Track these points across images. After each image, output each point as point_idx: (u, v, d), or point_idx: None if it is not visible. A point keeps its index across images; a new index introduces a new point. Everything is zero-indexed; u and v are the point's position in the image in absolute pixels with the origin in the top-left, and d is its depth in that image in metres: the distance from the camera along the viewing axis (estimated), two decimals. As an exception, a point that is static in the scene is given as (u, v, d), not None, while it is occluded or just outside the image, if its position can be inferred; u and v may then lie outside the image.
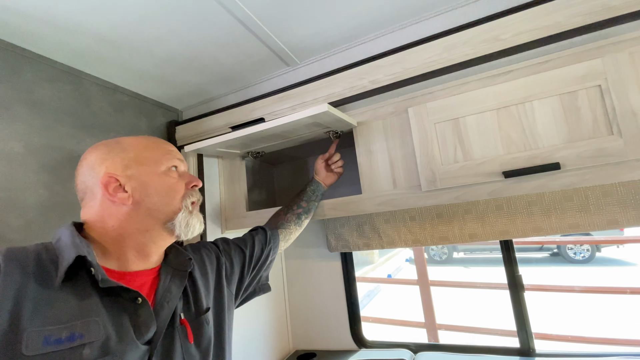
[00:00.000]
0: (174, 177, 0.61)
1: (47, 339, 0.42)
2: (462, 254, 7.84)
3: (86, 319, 0.46)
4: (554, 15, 0.73)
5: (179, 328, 0.58)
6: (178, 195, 0.60)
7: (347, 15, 0.88)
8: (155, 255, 0.61)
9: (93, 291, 0.49)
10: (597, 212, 1.00)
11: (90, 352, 0.44)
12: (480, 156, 0.83)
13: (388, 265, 8.13)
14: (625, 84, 0.72)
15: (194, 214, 0.62)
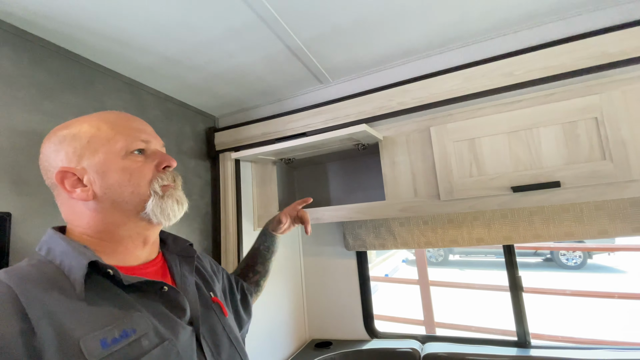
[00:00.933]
0: (137, 160, 0.53)
1: (104, 342, 0.41)
2: (458, 256, 8.02)
3: (129, 315, 0.45)
4: (560, 57, 0.87)
5: (213, 306, 0.60)
6: (144, 181, 0.53)
7: (380, 45, 1.01)
8: (151, 246, 0.58)
9: (118, 290, 0.47)
10: (589, 223, 1.15)
11: (149, 342, 0.45)
12: (493, 172, 0.97)
13: (385, 265, 8.29)
14: (618, 117, 0.86)
15: (166, 196, 0.55)
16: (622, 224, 1.12)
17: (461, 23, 0.92)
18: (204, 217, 1.30)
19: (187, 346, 0.50)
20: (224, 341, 0.57)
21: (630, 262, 6.21)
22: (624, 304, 3.90)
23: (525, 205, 0.94)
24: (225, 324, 0.60)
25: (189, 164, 1.28)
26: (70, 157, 0.50)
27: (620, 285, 5.11)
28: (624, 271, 5.96)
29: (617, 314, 3.89)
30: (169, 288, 0.51)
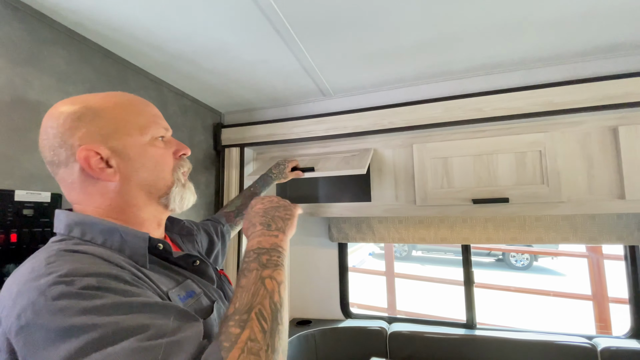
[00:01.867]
0: (160, 147, 0.54)
1: (180, 297, 0.48)
2: (420, 252, 8.58)
3: (183, 282, 0.52)
4: (518, 101, 1.11)
5: (222, 277, 0.67)
6: (168, 168, 0.55)
7: (378, 72, 1.20)
8: (162, 227, 0.60)
9: (166, 263, 0.53)
10: (530, 231, 1.43)
11: (205, 300, 0.53)
12: (459, 186, 1.21)
13: (352, 258, 8.68)
14: (556, 152, 1.12)
15: (187, 186, 0.58)
16: (554, 233, 1.41)
17: (447, 63, 1.13)
18: (208, 206, 1.44)
19: (222, 305, 0.57)
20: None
21: (569, 266, 6.99)
22: (558, 301, 4.48)
23: (481, 214, 1.19)
24: (231, 290, 0.66)
25: (199, 155, 1.41)
26: (93, 136, 0.48)
27: (559, 286, 5.80)
28: (564, 274, 6.72)
29: (550, 308, 4.46)
30: (200, 261, 0.57)
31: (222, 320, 0.42)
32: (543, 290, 3.76)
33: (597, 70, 1.08)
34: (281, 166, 1.16)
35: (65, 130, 0.48)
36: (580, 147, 1.11)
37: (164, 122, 0.56)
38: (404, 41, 0.99)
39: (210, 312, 0.51)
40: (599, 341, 1.36)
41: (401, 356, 1.52)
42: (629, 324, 1.41)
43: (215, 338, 0.39)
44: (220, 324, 0.41)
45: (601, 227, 1.35)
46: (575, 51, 1.06)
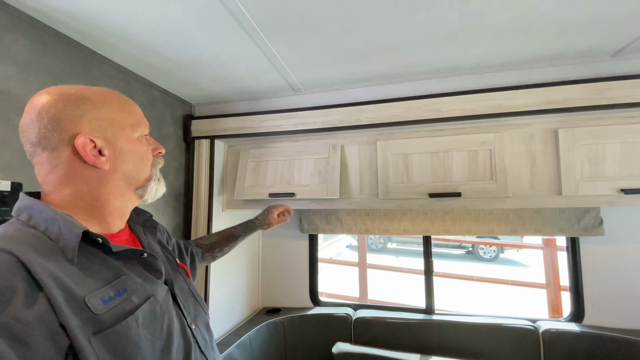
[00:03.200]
0: (144, 143, 0.61)
1: (103, 299, 0.47)
2: (395, 244, 8.84)
3: (118, 278, 0.51)
4: (472, 103, 1.20)
5: (180, 270, 0.70)
6: (148, 163, 0.61)
7: (345, 71, 1.25)
8: (127, 217, 0.63)
9: (105, 256, 0.52)
10: (483, 223, 1.55)
11: (138, 299, 0.52)
12: (417, 181, 1.29)
13: (330, 250, 8.83)
14: (504, 151, 1.22)
15: (161, 181, 0.65)
16: (504, 225, 1.53)
17: (408, 65, 1.20)
18: (177, 197, 1.46)
19: (166, 301, 0.58)
20: (191, 299, 0.66)
21: (532, 258, 7.44)
22: (517, 289, 4.80)
23: (437, 207, 1.28)
24: (191, 285, 0.70)
25: (168, 146, 1.41)
26: (93, 126, 0.53)
27: (522, 276, 6.18)
28: (527, 265, 7.15)
29: (510, 296, 4.77)
30: (147, 254, 0.58)
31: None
32: (503, 280, 4.02)
33: (541, 77, 1.19)
34: (265, 212, 1.17)
35: (63, 116, 0.51)
36: (525, 147, 1.22)
37: (147, 122, 0.63)
38: (369, 43, 1.04)
39: (131, 312, 0.49)
40: (542, 324, 1.50)
41: (364, 340, 1.61)
42: (569, 309, 1.57)
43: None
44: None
45: (545, 220, 1.48)
46: (522, 59, 1.15)
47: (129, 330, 0.48)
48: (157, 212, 1.32)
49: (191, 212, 1.46)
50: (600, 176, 1.15)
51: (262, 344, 1.57)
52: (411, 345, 1.56)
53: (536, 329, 1.47)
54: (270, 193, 1.44)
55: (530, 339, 1.45)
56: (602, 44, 1.06)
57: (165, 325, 0.54)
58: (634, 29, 0.98)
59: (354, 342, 1.63)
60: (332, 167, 1.40)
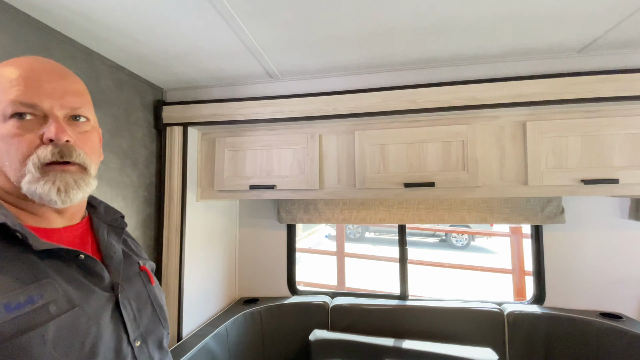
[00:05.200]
0: (13, 127, 0.46)
1: (8, 307, 0.40)
2: (373, 234, 9.04)
3: (37, 282, 0.43)
4: (446, 95, 1.22)
5: (142, 274, 0.62)
6: (17, 155, 0.46)
7: (323, 59, 1.23)
8: (70, 215, 0.55)
9: (29, 255, 0.45)
10: (455, 212, 1.60)
11: (57, 308, 0.43)
12: (393, 171, 1.31)
13: (309, 240, 8.89)
14: (476, 142, 1.26)
15: (45, 180, 0.47)
16: (475, 214, 1.60)
17: (386, 56, 1.20)
18: (148, 186, 1.40)
19: (99, 312, 0.49)
20: (148, 307, 0.58)
21: (500, 245, 7.85)
22: (486, 275, 5.07)
23: (412, 197, 1.31)
24: (151, 292, 0.61)
25: (137, 133, 1.34)
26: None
27: (491, 262, 6.52)
28: (495, 252, 7.55)
29: (479, 281, 5.04)
30: (85, 256, 0.50)
31: None
32: (473, 266, 4.23)
33: (512, 71, 1.23)
34: None
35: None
36: (495, 139, 1.26)
37: (47, 96, 0.47)
38: (347, 31, 1.03)
39: (38, 325, 0.41)
40: (507, 307, 1.59)
41: (341, 326, 1.65)
42: (532, 293, 1.67)
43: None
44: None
45: (512, 209, 1.56)
46: (494, 53, 1.18)
47: (30, 348, 0.39)
48: (126, 202, 1.27)
49: (163, 202, 1.41)
50: (563, 167, 1.22)
51: (239, 335, 1.57)
52: (386, 330, 1.61)
53: (501, 311, 1.56)
54: (251, 185, 1.42)
55: (496, 320, 1.54)
56: (569, 40, 1.11)
57: (88, 342, 0.45)
58: (597, 28, 1.03)
59: (331, 329, 1.66)
60: (311, 157, 1.39)
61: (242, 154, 1.45)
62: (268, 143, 1.42)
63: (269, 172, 1.42)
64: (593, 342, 1.40)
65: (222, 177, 1.47)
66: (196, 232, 1.51)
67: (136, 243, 0.73)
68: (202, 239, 1.57)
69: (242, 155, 1.45)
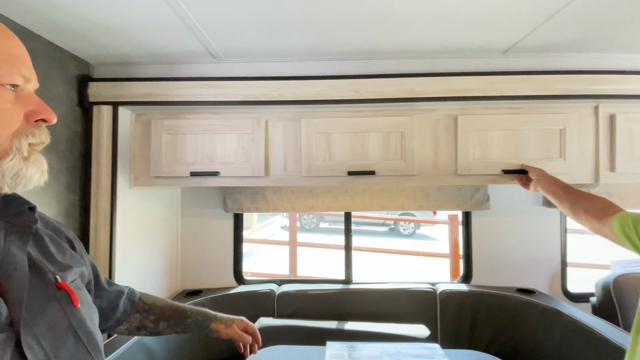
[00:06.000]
0: (6, 99, 0.41)
1: None
2: (327, 224, 9.23)
3: None
4: (388, 87, 1.27)
5: (59, 294, 0.45)
6: (8, 129, 0.41)
7: (269, 42, 1.20)
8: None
9: None
10: (396, 199, 1.70)
11: None
12: (338, 160, 1.34)
13: (264, 231, 8.80)
14: (413, 134, 1.33)
15: (31, 160, 0.43)
16: (413, 201, 1.70)
17: (330, 44, 1.21)
18: (72, 171, 1.26)
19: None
20: (69, 340, 0.44)
21: (441, 233, 8.52)
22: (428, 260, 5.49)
23: (354, 185, 1.35)
24: (73, 317, 0.45)
25: (57, 111, 1.18)
26: None
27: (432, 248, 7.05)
28: (437, 239, 8.18)
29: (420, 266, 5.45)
30: None
31: None
32: (416, 252, 4.55)
33: (446, 67, 1.31)
34: (232, 321, 0.87)
35: None
36: (431, 131, 1.35)
37: (26, 68, 0.43)
38: (289, 14, 1.01)
39: None
40: (439, 286, 1.74)
41: (287, 313, 1.66)
42: (461, 273, 1.84)
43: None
44: None
45: (446, 196, 1.69)
46: (431, 49, 1.26)
47: None
48: (44, 188, 1.13)
49: (90, 189, 1.29)
50: (488, 158, 1.34)
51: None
52: (331, 314, 1.67)
53: (434, 290, 1.70)
54: (192, 172, 1.35)
55: (430, 299, 1.68)
56: (495, 42, 1.21)
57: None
58: (517, 32, 1.13)
59: (277, 316, 1.67)
60: (256, 144, 1.36)
61: (182, 138, 1.37)
62: (211, 127, 1.36)
63: (211, 158, 1.36)
64: (510, 314, 1.60)
65: (159, 163, 1.37)
66: (130, 222, 1.40)
67: (66, 238, 0.56)
68: (137, 229, 1.46)
69: (182, 140, 1.37)
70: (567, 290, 1.77)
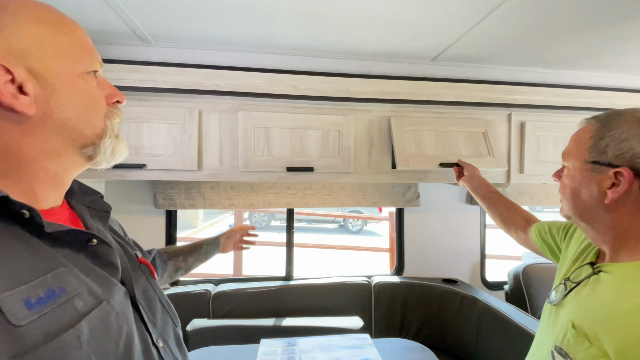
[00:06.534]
0: (92, 84, 0.44)
1: (28, 302, 0.32)
2: (279, 222, 9.16)
3: (54, 271, 0.35)
4: (325, 85, 1.29)
5: (142, 267, 0.54)
6: (100, 112, 0.45)
7: (203, 28, 1.14)
8: (67, 187, 0.47)
9: (32, 239, 0.36)
10: (336, 196, 1.74)
11: (84, 303, 0.36)
12: (277, 155, 1.32)
13: (210, 230, 8.43)
14: (349, 132, 1.37)
15: (120, 138, 0.48)
16: (352, 198, 1.76)
17: (268, 37, 1.19)
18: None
19: (124, 308, 0.42)
20: (157, 306, 0.51)
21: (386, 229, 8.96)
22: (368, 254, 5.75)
23: (293, 181, 1.35)
24: (156, 287, 0.54)
25: None
26: (11, 48, 0.36)
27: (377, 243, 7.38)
28: (382, 235, 8.59)
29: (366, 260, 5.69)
30: (98, 241, 0.42)
31: None
32: (359, 247, 4.74)
33: (381, 70, 1.38)
34: (226, 235, 1.12)
35: None
36: (366, 131, 1.40)
37: (98, 54, 0.45)
38: (223, 1, 0.97)
39: (71, 325, 0.34)
40: (375, 279, 1.82)
41: (222, 313, 1.61)
42: (395, 265, 1.95)
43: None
44: None
45: (381, 194, 1.77)
46: (367, 51, 1.31)
47: (67, 352, 0.32)
48: None
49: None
50: (423, 154, 1.42)
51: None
52: (269, 311, 1.65)
53: (370, 282, 1.78)
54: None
55: (365, 291, 1.75)
56: (424, 48, 1.30)
57: (122, 342, 0.39)
58: (442, 40, 1.23)
59: (212, 317, 1.60)
60: (188, 135, 1.28)
61: (102, 126, 1.24)
62: (136, 115, 1.25)
63: (137, 149, 1.25)
64: (436, 302, 1.73)
65: None
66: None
67: (116, 222, 0.63)
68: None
69: (103, 128, 1.24)
70: (486, 279, 1.98)
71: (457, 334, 1.64)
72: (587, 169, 0.60)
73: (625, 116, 0.56)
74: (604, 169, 0.57)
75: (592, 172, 0.59)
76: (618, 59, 1.36)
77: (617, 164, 0.55)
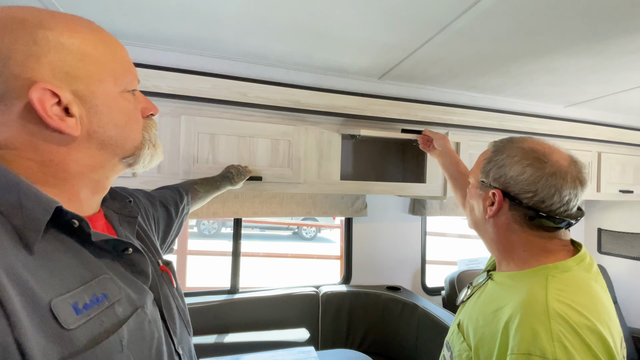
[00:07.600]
0: (130, 101, 0.46)
1: (76, 307, 0.34)
2: (230, 229, 8.82)
3: (97, 277, 0.38)
4: (275, 95, 1.28)
5: (164, 275, 0.55)
6: (138, 127, 0.48)
7: (143, 25, 1.07)
8: (106, 191, 0.50)
9: (77, 246, 0.39)
10: (286, 205, 1.72)
11: (123, 310, 0.39)
12: (223, 163, 1.27)
13: (154, 237, 7.84)
14: (300, 143, 1.37)
15: (157, 145, 0.52)
16: (302, 208, 1.76)
17: (216, 40, 1.15)
18: None
19: (155, 315, 0.46)
20: (175, 313, 0.53)
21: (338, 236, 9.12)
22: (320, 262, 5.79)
23: (242, 190, 1.30)
24: (174, 295, 0.55)
25: None
26: (57, 72, 0.37)
27: (329, 251, 7.47)
28: (335, 242, 8.72)
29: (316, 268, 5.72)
30: (133, 250, 0.45)
31: None
32: (310, 255, 4.75)
33: (331, 84, 1.41)
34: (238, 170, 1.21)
35: (11, 54, 0.34)
36: (316, 142, 1.42)
37: (136, 70, 0.49)
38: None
39: (114, 330, 0.36)
40: (323, 288, 1.83)
41: (158, 331, 1.48)
42: (343, 274, 1.98)
43: None
44: None
45: (331, 204, 1.80)
46: (317, 65, 1.33)
47: (111, 356, 0.35)
48: None
49: None
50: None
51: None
52: (212, 328, 1.56)
53: (317, 292, 1.78)
54: None
55: (313, 301, 1.75)
56: (371, 67, 1.36)
57: (154, 348, 0.42)
58: (387, 62, 1.30)
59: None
60: (124, 138, 1.17)
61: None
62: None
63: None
64: (380, 309, 1.79)
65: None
66: None
67: (141, 203, 0.68)
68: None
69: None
70: (426, 285, 2.10)
71: (399, 340, 1.71)
72: (478, 187, 0.69)
73: (513, 144, 0.65)
74: (486, 189, 0.66)
75: (480, 189, 0.68)
76: (536, 89, 1.55)
77: (495, 185, 0.64)
